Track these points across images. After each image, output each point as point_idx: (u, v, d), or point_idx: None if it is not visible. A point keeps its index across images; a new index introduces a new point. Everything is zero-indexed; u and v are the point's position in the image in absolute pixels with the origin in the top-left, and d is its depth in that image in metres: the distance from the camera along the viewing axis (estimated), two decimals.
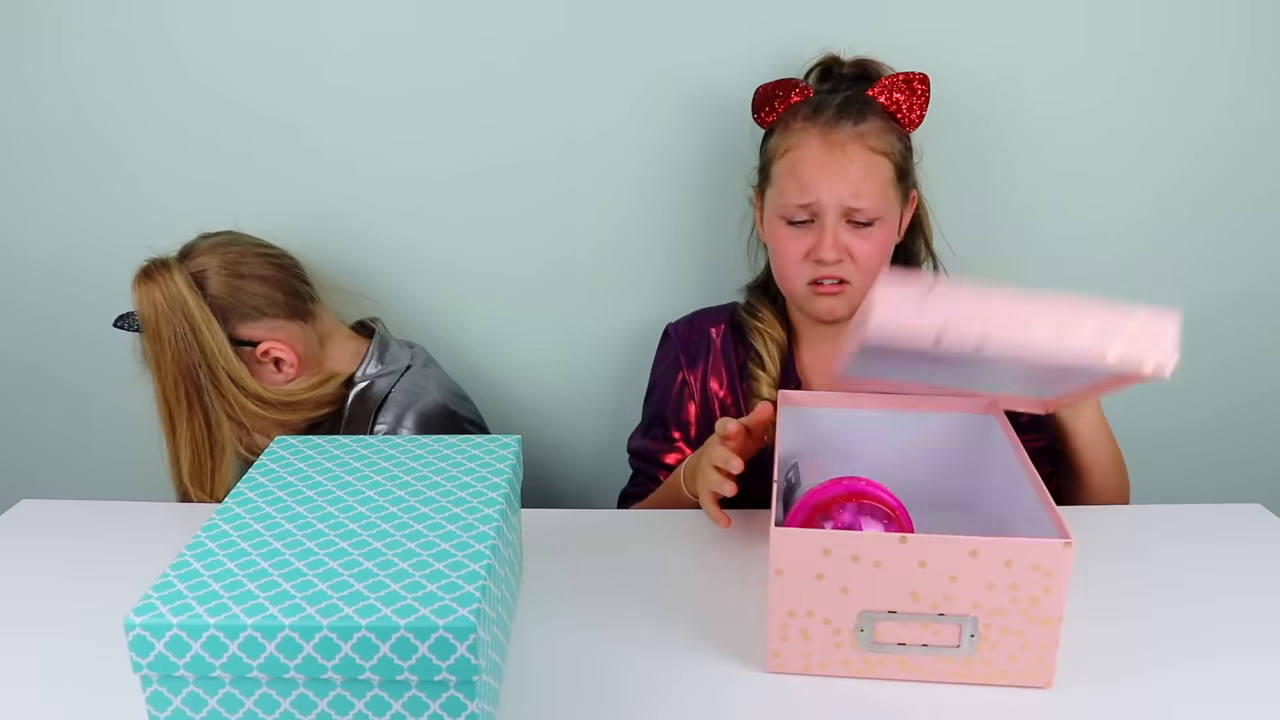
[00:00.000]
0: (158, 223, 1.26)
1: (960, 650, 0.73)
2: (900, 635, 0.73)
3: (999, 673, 0.73)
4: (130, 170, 1.32)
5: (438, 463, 0.84)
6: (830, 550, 0.71)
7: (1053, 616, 0.71)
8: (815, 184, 1.06)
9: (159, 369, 1.10)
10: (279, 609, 0.62)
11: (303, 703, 0.63)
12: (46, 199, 1.35)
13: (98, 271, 1.36)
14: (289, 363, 1.16)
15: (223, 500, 0.78)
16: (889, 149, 1.08)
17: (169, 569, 0.67)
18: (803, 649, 0.75)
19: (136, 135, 1.31)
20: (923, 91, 1.10)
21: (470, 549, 0.70)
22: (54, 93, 1.29)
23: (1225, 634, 0.81)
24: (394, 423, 1.16)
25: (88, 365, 1.42)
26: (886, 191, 1.08)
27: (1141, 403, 1.36)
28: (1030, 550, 0.69)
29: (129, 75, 1.28)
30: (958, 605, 0.71)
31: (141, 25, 1.26)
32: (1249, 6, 1.22)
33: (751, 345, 1.16)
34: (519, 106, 1.28)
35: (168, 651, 0.62)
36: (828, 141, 1.06)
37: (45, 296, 1.40)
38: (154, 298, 1.08)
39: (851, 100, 1.08)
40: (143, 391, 1.13)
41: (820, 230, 1.07)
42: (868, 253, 1.08)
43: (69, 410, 1.46)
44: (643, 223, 1.34)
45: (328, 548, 0.70)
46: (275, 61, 1.27)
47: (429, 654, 0.61)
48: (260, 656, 0.62)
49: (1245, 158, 1.29)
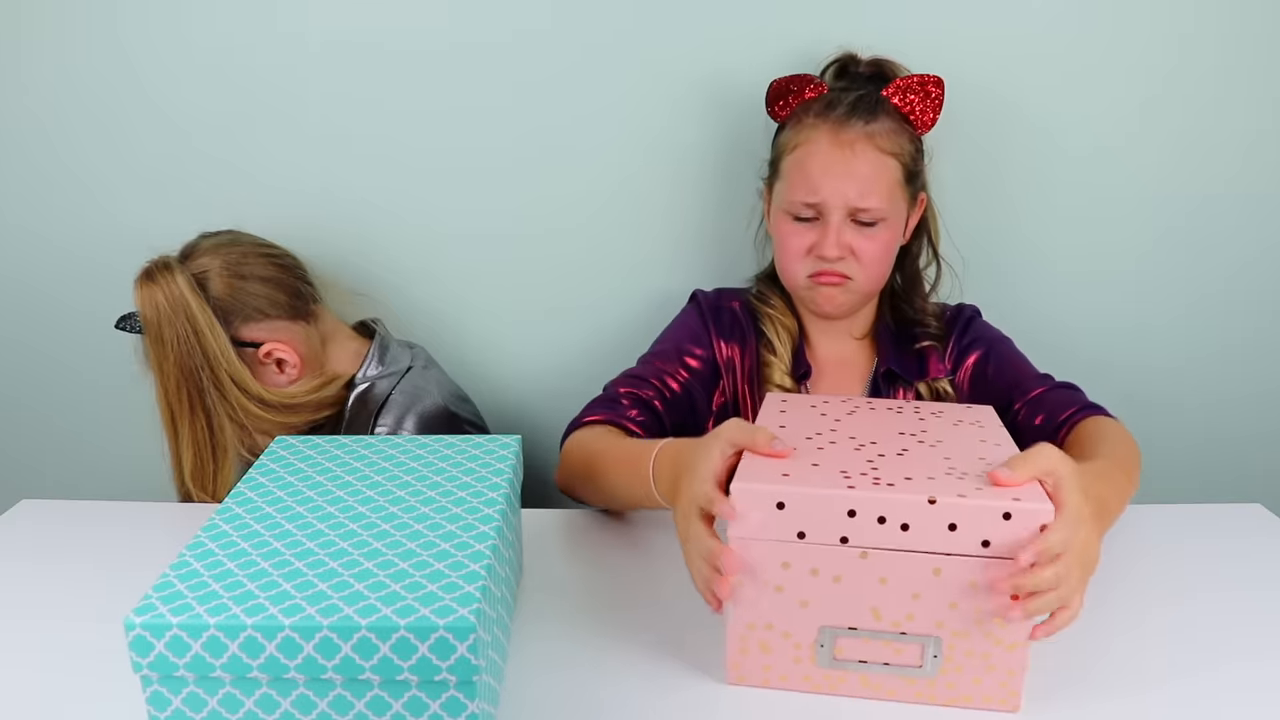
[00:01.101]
0: (158, 221, 1.26)
1: (923, 670, 0.71)
2: (861, 652, 0.71)
3: (963, 695, 0.71)
4: (131, 169, 1.32)
5: (438, 463, 0.84)
6: (790, 563, 0.70)
7: (1018, 640, 0.69)
8: (822, 182, 1.06)
9: (161, 371, 1.10)
10: (279, 609, 0.62)
11: (303, 703, 0.63)
12: (46, 197, 1.35)
13: (98, 271, 1.36)
14: (291, 364, 1.16)
15: (224, 501, 0.78)
16: (898, 150, 1.07)
17: (169, 569, 0.67)
18: (763, 662, 0.73)
19: (139, 132, 1.30)
20: (937, 94, 1.09)
21: (470, 549, 0.70)
22: (52, 88, 1.29)
23: (1225, 634, 0.81)
24: (394, 424, 1.16)
25: (88, 365, 1.42)
26: (894, 192, 1.07)
27: (1141, 402, 1.37)
28: (994, 570, 0.66)
29: (131, 72, 1.28)
30: (920, 624, 0.70)
31: (145, 19, 1.26)
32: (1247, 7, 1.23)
33: (762, 331, 1.15)
34: (522, 107, 1.28)
35: (168, 651, 0.62)
36: (838, 140, 1.06)
37: (45, 297, 1.40)
38: (156, 299, 1.08)
39: (864, 99, 1.07)
40: (143, 392, 1.13)
41: (825, 227, 1.07)
42: (871, 251, 1.08)
43: (69, 410, 1.46)
44: (648, 222, 1.33)
45: (328, 548, 0.70)
46: (278, 59, 1.27)
47: (429, 654, 0.61)
48: (260, 656, 0.62)
49: (1248, 160, 1.30)
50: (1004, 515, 0.66)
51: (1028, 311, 1.32)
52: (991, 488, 0.68)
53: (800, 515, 0.69)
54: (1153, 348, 1.39)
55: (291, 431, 1.17)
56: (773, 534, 0.69)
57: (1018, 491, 0.67)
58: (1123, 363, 1.39)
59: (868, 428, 0.82)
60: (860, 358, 1.18)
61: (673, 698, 0.74)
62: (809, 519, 0.69)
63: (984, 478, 0.70)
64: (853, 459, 0.74)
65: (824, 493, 0.68)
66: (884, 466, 0.72)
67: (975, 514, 0.66)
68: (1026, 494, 0.67)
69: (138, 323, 1.10)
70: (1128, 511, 1.00)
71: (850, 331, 1.18)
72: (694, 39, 1.25)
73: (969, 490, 0.68)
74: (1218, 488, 1.43)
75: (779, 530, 0.69)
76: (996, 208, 1.32)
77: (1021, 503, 0.66)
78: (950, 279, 1.21)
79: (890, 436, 0.79)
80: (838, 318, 1.15)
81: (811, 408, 0.87)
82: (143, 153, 1.31)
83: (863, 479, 0.70)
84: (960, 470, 0.71)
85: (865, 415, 0.85)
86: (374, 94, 1.28)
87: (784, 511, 0.68)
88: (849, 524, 0.68)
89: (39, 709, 0.74)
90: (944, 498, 0.66)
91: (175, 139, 1.30)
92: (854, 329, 1.18)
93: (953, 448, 0.77)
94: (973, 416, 0.86)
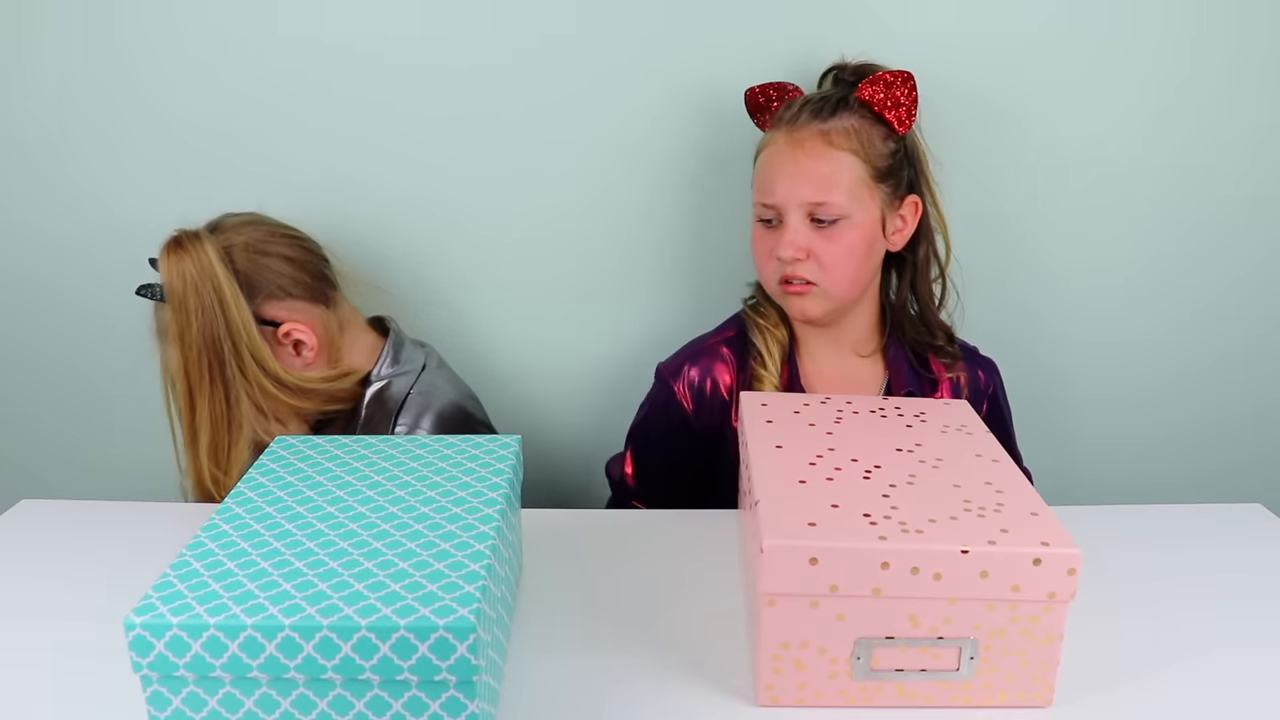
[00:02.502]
0: (160, 223, 1.24)
1: (959, 674, 0.71)
2: (898, 661, 0.71)
3: (999, 694, 0.72)
4: (136, 165, 1.32)
5: (438, 463, 0.84)
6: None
7: (1053, 635, 0.70)
8: (776, 182, 1.06)
9: (183, 341, 1.07)
10: (279, 609, 0.62)
11: (303, 703, 0.63)
12: (49, 195, 1.34)
13: (98, 272, 1.36)
14: (309, 346, 1.14)
15: (236, 481, 0.77)
16: (859, 147, 1.05)
17: (169, 569, 0.67)
18: (797, 680, 0.72)
19: (139, 128, 1.30)
20: (906, 90, 1.06)
21: (470, 549, 0.70)
22: (50, 83, 1.29)
23: (1226, 634, 0.81)
24: (413, 423, 1.16)
25: (87, 365, 1.42)
26: (855, 190, 1.05)
27: (1142, 403, 1.38)
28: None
29: (133, 67, 1.27)
30: (957, 628, 0.70)
31: (159, 10, 1.25)
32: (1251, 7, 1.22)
33: (753, 343, 1.14)
34: (525, 106, 1.28)
35: (168, 651, 0.61)
36: (791, 139, 1.05)
37: (44, 298, 1.40)
38: (184, 268, 1.06)
39: (826, 99, 1.07)
40: (142, 392, 1.12)
41: (783, 229, 1.06)
42: (832, 253, 1.06)
43: (69, 410, 1.46)
44: (651, 225, 1.33)
45: (328, 548, 0.70)
46: (281, 63, 1.27)
47: (429, 654, 0.62)
48: (260, 656, 0.62)
49: (1253, 162, 1.29)
50: (1034, 561, 0.68)
51: (1028, 311, 1.32)
52: (1017, 531, 0.70)
53: (833, 570, 0.69)
54: (1153, 348, 1.38)
55: (302, 417, 1.16)
56: (805, 588, 0.69)
57: (1046, 536, 0.69)
58: (1123, 362, 1.38)
59: (863, 442, 0.84)
60: (865, 375, 1.16)
61: (674, 698, 0.74)
62: (842, 573, 0.69)
63: (1001, 511, 0.72)
64: (868, 494, 0.75)
65: (857, 546, 0.68)
66: (903, 504, 0.73)
67: (1007, 561, 0.68)
68: (1054, 539, 0.69)
69: (160, 291, 1.08)
70: (1128, 512, 1.01)
71: (855, 349, 1.15)
72: (704, 48, 1.24)
73: (996, 534, 0.69)
74: (1218, 488, 1.43)
75: (811, 585, 0.69)
76: (996, 218, 1.31)
77: (1050, 548, 0.68)
78: (951, 294, 1.19)
79: (888, 453, 0.82)
80: (822, 325, 1.13)
81: (795, 414, 0.89)
82: (142, 152, 1.31)
83: (888, 523, 0.70)
84: (978, 505, 0.73)
85: (852, 423, 0.89)
86: (379, 94, 1.28)
87: (817, 567, 0.69)
88: (882, 575, 0.68)
89: (38, 709, 0.74)
90: (976, 547, 0.68)
91: (170, 140, 1.30)
92: (859, 346, 1.15)
93: (957, 470, 0.79)
94: (956, 420, 0.89)
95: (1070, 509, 0.88)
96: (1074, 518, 0.75)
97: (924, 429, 0.88)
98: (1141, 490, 1.24)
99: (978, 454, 0.83)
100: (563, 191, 1.32)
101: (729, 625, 0.82)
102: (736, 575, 0.90)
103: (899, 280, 1.16)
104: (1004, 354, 1.23)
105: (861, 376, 1.15)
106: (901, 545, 0.68)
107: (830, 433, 0.86)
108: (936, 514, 0.72)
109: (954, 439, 0.86)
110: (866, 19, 1.22)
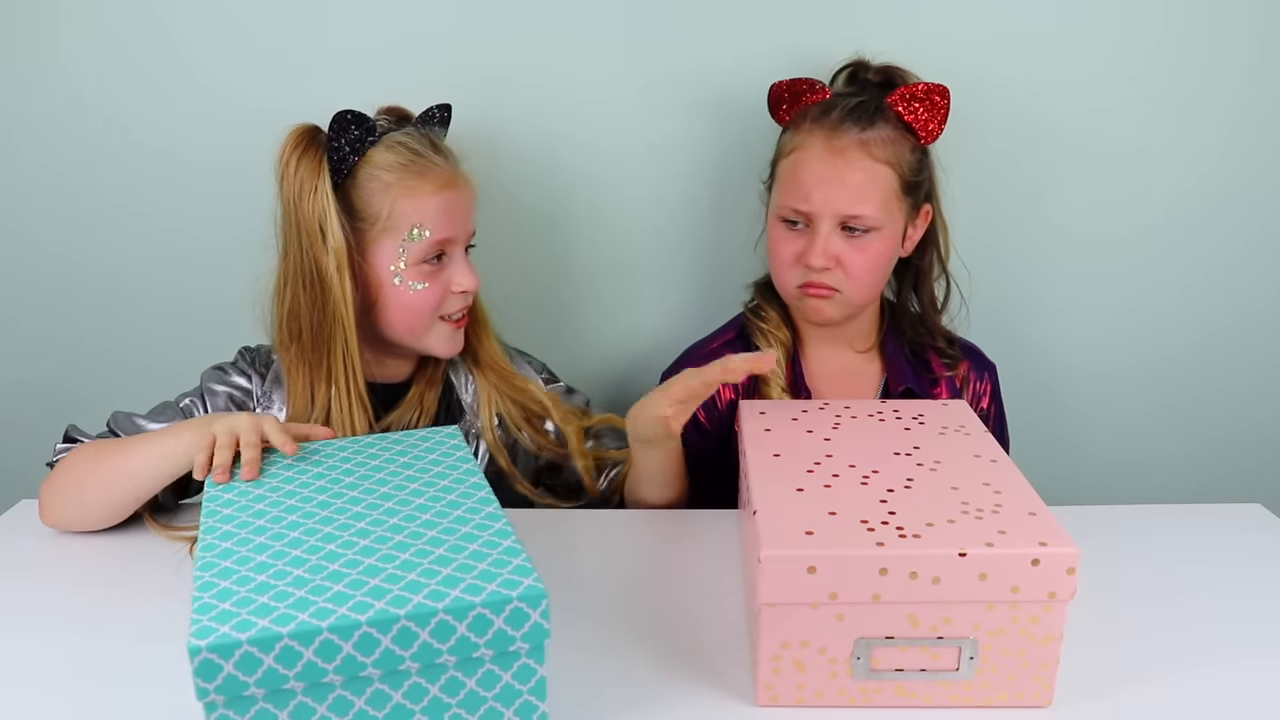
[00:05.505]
0: (164, 223, 1.28)
1: (959, 674, 0.71)
2: (898, 661, 0.71)
3: (999, 694, 0.72)
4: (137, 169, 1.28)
5: (398, 457, 0.83)
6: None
7: (1053, 634, 0.70)
8: (813, 190, 1.04)
9: None
10: (347, 608, 0.61)
11: (378, 699, 0.62)
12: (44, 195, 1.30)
13: (98, 270, 1.33)
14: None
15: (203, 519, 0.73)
16: (895, 159, 1.04)
17: (197, 590, 0.63)
18: (797, 680, 0.72)
19: (142, 125, 1.27)
20: (942, 104, 1.06)
21: (490, 528, 0.71)
22: (52, 81, 1.25)
23: (1226, 634, 0.81)
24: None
25: (87, 365, 1.38)
26: (889, 203, 1.04)
27: (1142, 402, 1.40)
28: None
29: (137, 65, 1.24)
30: (957, 628, 0.70)
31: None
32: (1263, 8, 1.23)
33: (756, 347, 1.13)
34: (528, 108, 1.26)
35: (237, 671, 0.58)
36: (831, 147, 1.03)
37: (44, 298, 1.36)
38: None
39: (863, 106, 1.05)
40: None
41: (813, 235, 1.05)
42: (860, 264, 1.05)
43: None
44: (652, 225, 1.32)
45: (349, 547, 0.69)
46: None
47: (504, 626, 0.63)
48: (336, 658, 0.60)
49: (1261, 166, 1.29)
50: (1032, 562, 0.68)
51: (1028, 311, 1.34)
52: (1015, 532, 0.70)
53: (831, 578, 0.69)
54: (1153, 348, 1.37)
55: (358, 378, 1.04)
56: (804, 596, 0.70)
57: (1044, 536, 0.70)
58: (1123, 362, 1.37)
59: (860, 446, 0.85)
60: (864, 371, 1.16)
61: (674, 698, 0.74)
62: (840, 580, 0.69)
63: (1000, 512, 0.73)
64: (865, 499, 0.75)
65: (855, 553, 0.69)
66: (900, 509, 0.74)
67: (1005, 562, 0.68)
68: (1052, 538, 0.69)
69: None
70: (1128, 511, 1.03)
71: (852, 344, 1.15)
72: (703, 43, 1.23)
73: (994, 535, 0.70)
74: (1217, 488, 1.41)
75: (810, 593, 0.69)
76: (1002, 219, 1.30)
77: (1049, 548, 0.68)
78: (954, 294, 1.18)
79: (886, 458, 0.82)
80: (830, 326, 1.13)
81: (793, 421, 0.90)
82: (157, 146, 1.28)
83: (886, 529, 0.71)
84: (976, 507, 0.74)
85: (850, 428, 0.89)
86: (380, 95, 1.15)
87: (815, 575, 0.69)
88: (880, 581, 0.69)
89: (39, 709, 0.73)
90: (973, 549, 0.68)
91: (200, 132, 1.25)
92: (855, 341, 1.15)
93: (955, 472, 0.80)
94: (954, 420, 0.90)
95: (1070, 509, 0.87)
96: (1073, 518, 0.75)
97: (922, 431, 0.88)
98: (1141, 490, 1.29)
99: (976, 454, 0.83)
100: (563, 191, 1.30)
101: (729, 625, 0.82)
102: (737, 575, 0.90)
103: (901, 282, 1.16)
104: (1004, 354, 1.22)
105: (861, 372, 1.16)
106: (899, 550, 0.68)
107: (828, 439, 0.86)
108: (934, 517, 0.72)
109: (952, 440, 0.86)
110: (866, 17, 1.21)
